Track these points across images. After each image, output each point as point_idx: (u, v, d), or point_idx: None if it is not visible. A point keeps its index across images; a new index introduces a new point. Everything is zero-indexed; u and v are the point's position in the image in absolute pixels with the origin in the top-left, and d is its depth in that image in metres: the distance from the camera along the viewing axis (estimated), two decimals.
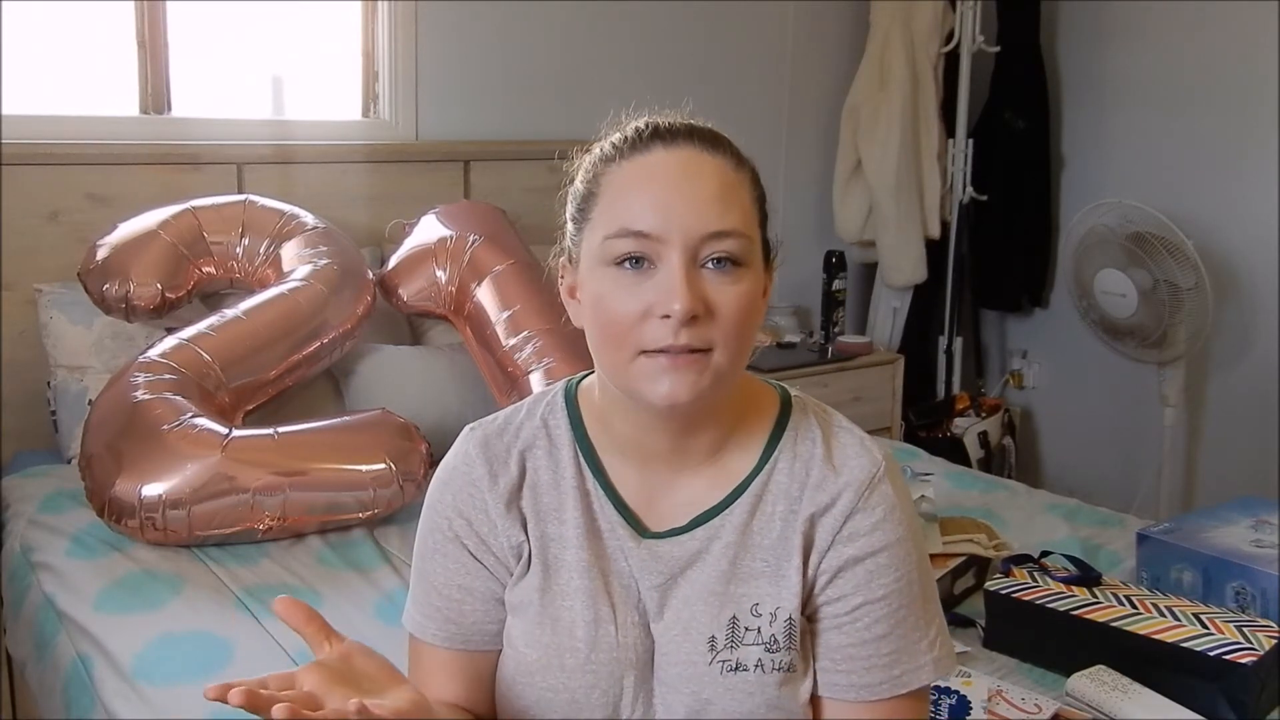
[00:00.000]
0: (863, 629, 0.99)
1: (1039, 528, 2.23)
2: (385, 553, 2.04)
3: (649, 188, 0.94)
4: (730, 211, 0.94)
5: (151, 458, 1.97)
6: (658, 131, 0.97)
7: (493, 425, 1.08)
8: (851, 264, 3.65)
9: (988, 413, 3.67)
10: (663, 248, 0.92)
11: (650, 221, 0.93)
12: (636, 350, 0.93)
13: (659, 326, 0.92)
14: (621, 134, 0.99)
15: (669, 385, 0.93)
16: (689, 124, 0.99)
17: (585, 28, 3.24)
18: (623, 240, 0.93)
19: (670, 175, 0.94)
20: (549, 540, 1.03)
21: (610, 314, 0.94)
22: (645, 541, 1.02)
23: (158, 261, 2.32)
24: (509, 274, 2.52)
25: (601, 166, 0.98)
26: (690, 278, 0.92)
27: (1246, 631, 1.57)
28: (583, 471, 1.04)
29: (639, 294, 0.93)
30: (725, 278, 0.93)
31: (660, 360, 0.92)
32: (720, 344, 0.93)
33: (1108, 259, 3.14)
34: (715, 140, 0.98)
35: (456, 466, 1.07)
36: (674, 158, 0.95)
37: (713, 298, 0.93)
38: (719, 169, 0.96)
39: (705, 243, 0.92)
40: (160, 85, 2.70)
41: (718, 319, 0.93)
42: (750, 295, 0.95)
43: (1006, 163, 3.72)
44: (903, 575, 0.99)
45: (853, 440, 1.04)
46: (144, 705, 1.54)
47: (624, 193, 0.95)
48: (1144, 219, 3.05)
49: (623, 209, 0.94)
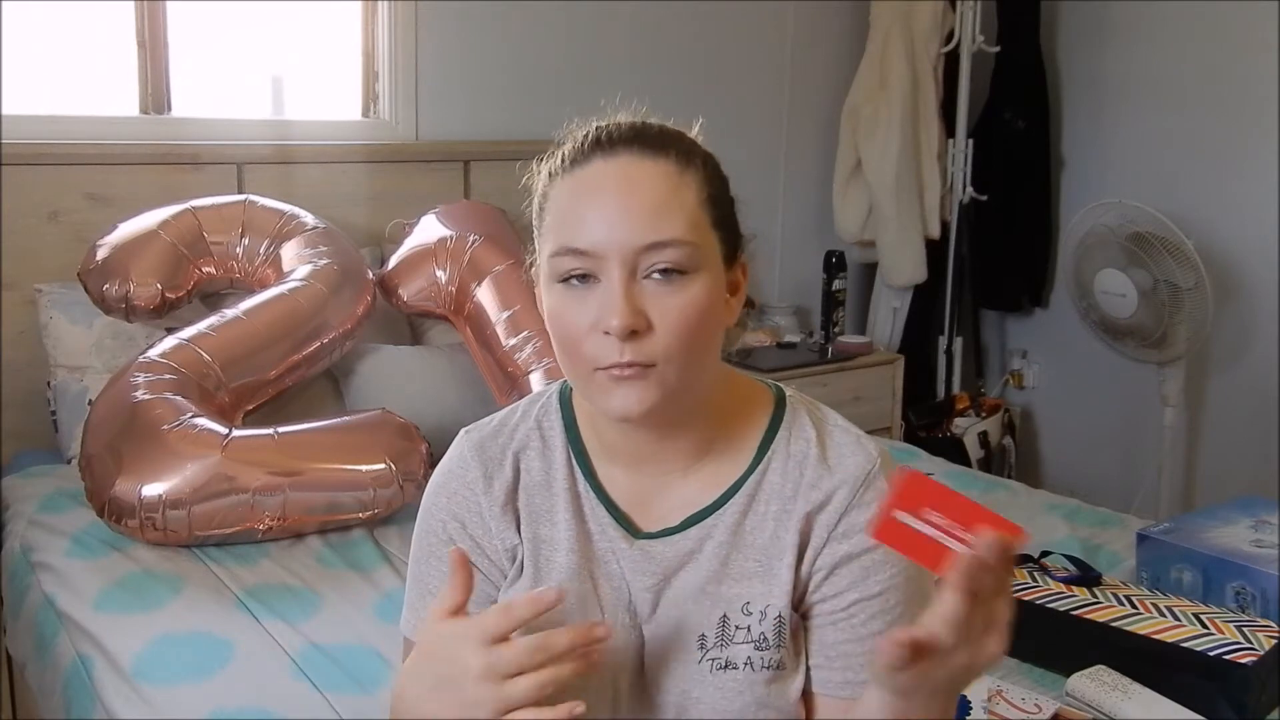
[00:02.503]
0: (857, 625, 0.99)
1: (1039, 528, 2.23)
2: (385, 553, 2.04)
3: (586, 203, 0.94)
4: (668, 220, 0.93)
5: (151, 458, 1.97)
6: (599, 142, 0.96)
7: (488, 427, 1.08)
8: (851, 264, 3.65)
9: (988, 413, 3.67)
10: (602, 263, 0.92)
11: (587, 238, 0.92)
12: (591, 366, 0.94)
13: (604, 343, 0.92)
14: (570, 144, 0.98)
15: (619, 400, 0.93)
16: (634, 127, 0.97)
17: (585, 27, 3.24)
18: (564, 259, 0.94)
19: (606, 189, 0.94)
20: (540, 543, 1.03)
21: (564, 329, 0.95)
22: (638, 542, 1.02)
23: (158, 261, 2.32)
24: (509, 274, 2.52)
25: (549, 182, 0.99)
26: (628, 293, 0.92)
27: (1246, 631, 1.57)
28: (575, 473, 1.05)
29: (585, 308, 0.93)
30: (668, 288, 0.93)
31: (611, 374, 0.93)
32: (663, 356, 0.93)
33: (1108, 259, 3.14)
34: (660, 142, 0.96)
35: (452, 470, 1.07)
36: (612, 169, 0.95)
37: (653, 311, 0.92)
38: (659, 175, 0.94)
39: (643, 255, 0.92)
40: (160, 85, 2.70)
41: (658, 332, 0.92)
42: (697, 302, 0.93)
43: (1006, 163, 3.72)
44: (898, 572, 0.99)
45: (847, 439, 1.04)
46: (144, 705, 1.54)
47: (565, 210, 0.95)
48: (1144, 219, 3.05)
49: (563, 226, 0.95)
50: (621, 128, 0.97)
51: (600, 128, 0.98)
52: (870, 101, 3.57)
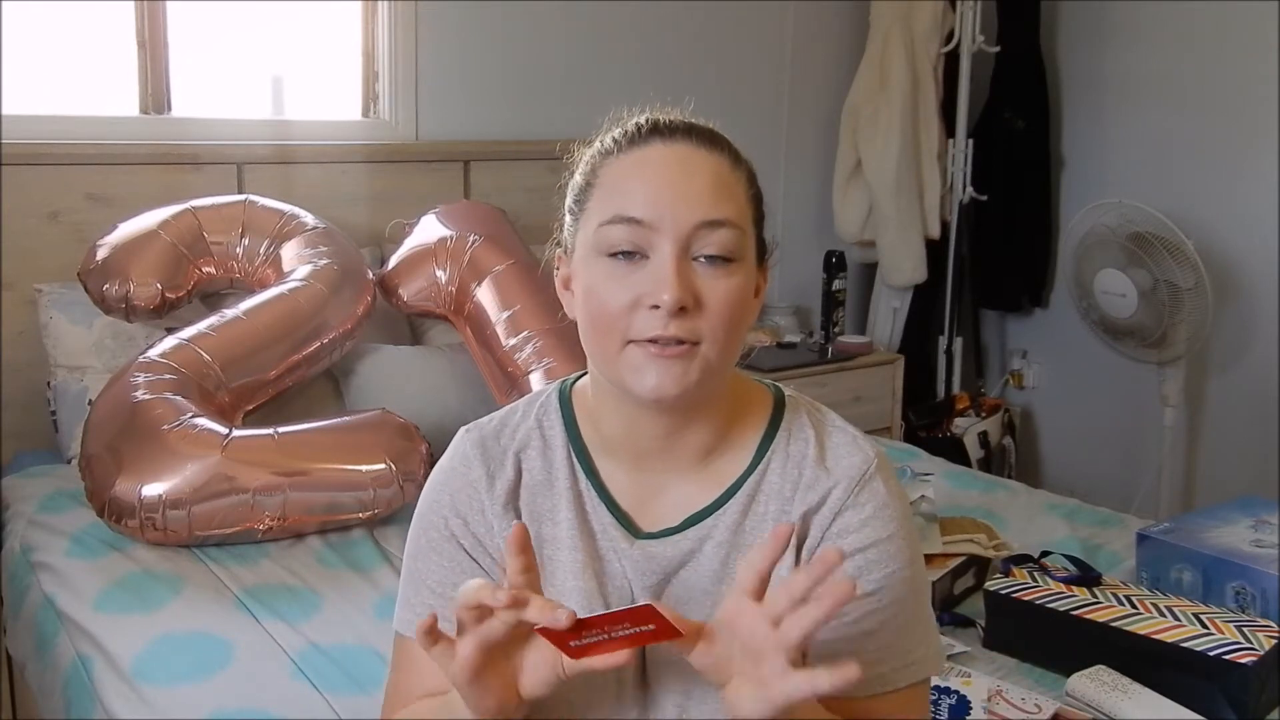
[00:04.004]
0: (849, 624, 0.98)
1: (1039, 528, 2.23)
2: (385, 553, 2.04)
3: (645, 178, 0.95)
4: (724, 203, 0.95)
5: (151, 458, 1.97)
6: (657, 127, 0.98)
7: (489, 426, 1.08)
8: (851, 264, 3.65)
9: (988, 413, 3.67)
10: (655, 236, 0.93)
11: (644, 209, 0.93)
12: (625, 340, 0.94)
13: (648, 317, 0.93)
14: (621, 129, 1.00)
15: (655, 377, 0.93)
16: (688, 122, 1.00)
17: (585, 28, 3.24)
18: (616, 227, 0.94)
19: (667, 167, 0.95)
20: (543, 542, 1.03)
21: (601, 303, 0.95)
22: (638, 542, 1.02)
23: (158, 261, 2.32)
24: (509, 274, 2.52)
25: (600, 159, 1.00)
26: (681, 269, 0.93)
27: (1246, 631, 1.57)
28: (576, 473, 1.04)
29: (630, 284, 0.93)
30: (716, 271, 0.94)
31: (649, 349, 0.93)
32: (708, 337, 0.94)
33: (1108, 259, 3.14)
34: (713, 138, 0.99)
35: (454, 468, 1.07)
36: (671, 152, 0.97)
37: (703, 290, 0.93)
38: (715, 165, 0.97)
39: (697, 232, 0.93)
40: (160, 85, 2.70)
41: (706, 312, 0.93)
42: (740, 290, 0.95)
43: (1006, 163, 3.72)
44: (893, 572, 0.99)
45: (845, 439, 1.04)
46: (144, 705, 1.54)
47: (620, 183, 0.96)
48: (1144, 219, 3.05)
49: (618, 198, 0.96)
50: (676, 120, 1.00)
51: (656, 117, 1.00)
52: (870, 101, 3.57)
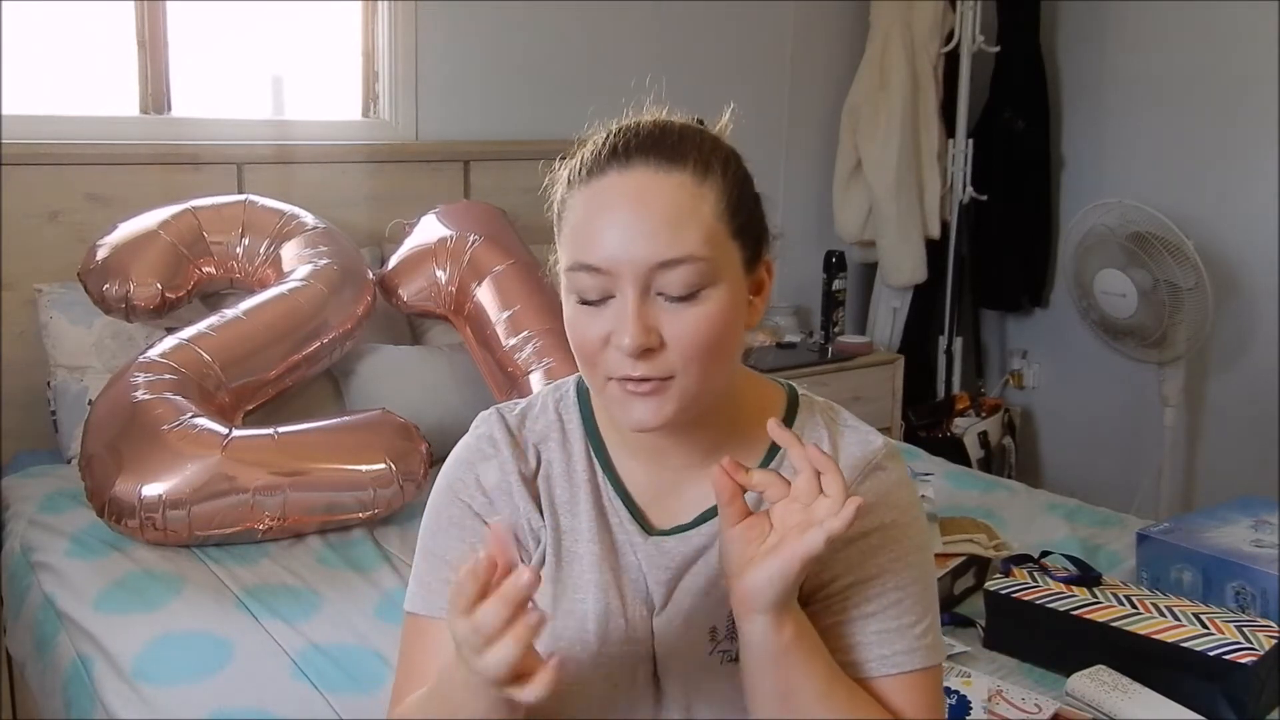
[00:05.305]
0: (851, 607, 0.99)
1: (1039, 528, 2.23)
2: (385, 553, 2.04)
3: (601, 222, 0.93)
4: (682, 236, 0.91)
5: (151, 458, 1.97)
6: (614, 152, 0.95)
7: (513, 412, 1.09)
8: (851, 264, 3.65)
9: (988, 413, 3.67)
10: (616, 280, 0.92)
11: (601, 256, 0.92)
12: (605, 376, 0.95)
13: (619, 356, 0.93)
14: (584, 154, 0.97)
15: (636, 413, 0.94)
16: (653, 133, 0.96)
17: (585, 27, 3.24)
18: (579, 275, 0.94)
19: (621, 206, 0.93)
20: (563, 532, 1.04)
21: (580, 341, 0.96)
22: (652, 538, 1.03)
23: (158, 261, 2.32)
24: (509, 274, 2.52)
25: (566, 190, 0.98)
26: (640, 311, 0.91)
27: (1246, 631, 1.57)
28: (594, 466, 1.05)
29: (600, 323, 0.94)
30: (682, 305, 0.92)
31: (625, 386, 0.93)
32: (681, 369, 0.93)
33: (1108, 259, 3.14)
34: (676, 152, 0.94)
35: (480, 446, 1.06)
36: (627, 183, 0.93)
37: (668, 328, 0.92)
38: (674, 189, 0.92)
39: (655, 273, 0.91)
40: (160, 85, 2.70)
41: (675, 347, 0.92)
42: (713, 317, 0.93)
43: (1006, 163, 3.72)
44: (896, 558, 1.00)
45: (856, 436, 1.05)
46: (144, 705, 1.54)
47: (580, 225, 0.95)
48: (1144, 219, 3.05)
49: (580, 240, 0.94)
50: (640, 134, 0.95)
51: (618, 134, 0.96)
52: (870, 101, 3.57)
